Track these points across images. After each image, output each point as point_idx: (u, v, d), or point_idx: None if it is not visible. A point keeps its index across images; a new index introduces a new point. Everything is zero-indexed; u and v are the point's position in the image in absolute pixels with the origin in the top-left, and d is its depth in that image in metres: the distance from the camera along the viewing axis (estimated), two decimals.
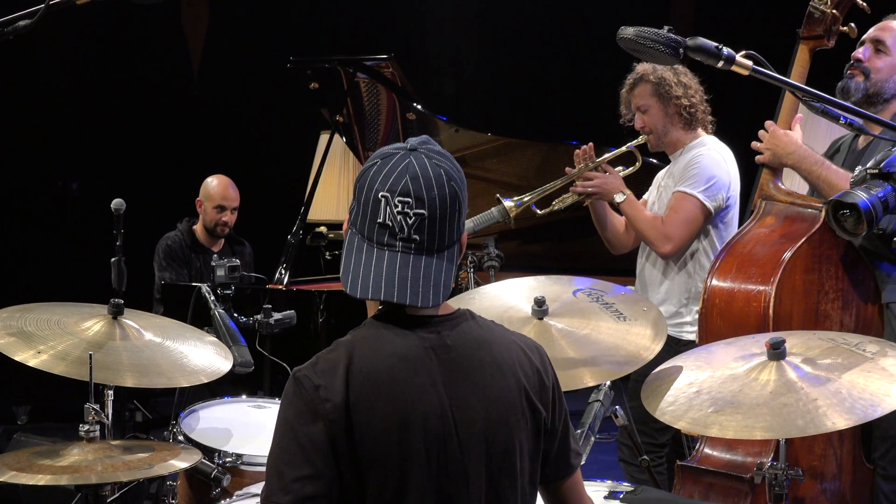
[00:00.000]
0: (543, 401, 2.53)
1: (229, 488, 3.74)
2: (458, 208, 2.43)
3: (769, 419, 3.11)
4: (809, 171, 4.27)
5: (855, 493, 4.18)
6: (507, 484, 2.46)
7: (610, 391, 3.66)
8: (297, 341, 5.85)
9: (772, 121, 4.40)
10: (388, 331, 2.43)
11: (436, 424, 2.37)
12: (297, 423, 2.34)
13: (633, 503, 3.54)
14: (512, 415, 2.46)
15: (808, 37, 4.38)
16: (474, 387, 2.43)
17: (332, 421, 2.31)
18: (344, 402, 2.32)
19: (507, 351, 2.52)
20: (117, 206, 4.24)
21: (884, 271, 4.21)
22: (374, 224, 2.39)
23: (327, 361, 2.38)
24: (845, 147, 4.50)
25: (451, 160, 2.47)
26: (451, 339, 2.45)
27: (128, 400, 6.83)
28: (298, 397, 2.35)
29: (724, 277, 4.30)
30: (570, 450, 2.63)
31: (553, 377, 2.59)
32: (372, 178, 2.40)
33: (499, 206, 5.27)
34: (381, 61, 7.15)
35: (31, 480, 3.19)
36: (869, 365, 3.23)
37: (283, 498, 2.30)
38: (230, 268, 5.77)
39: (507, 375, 2.48)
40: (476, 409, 2.42)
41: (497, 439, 2.44)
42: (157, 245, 7.36)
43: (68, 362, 3.60)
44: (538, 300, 3.81)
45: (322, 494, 2.30)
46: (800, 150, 4.30)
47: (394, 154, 2.43)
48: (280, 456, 2.34)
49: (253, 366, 4.21)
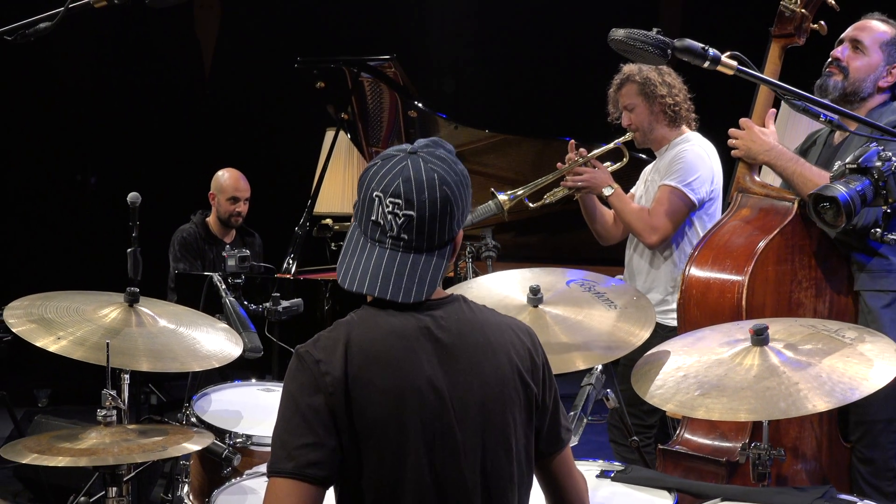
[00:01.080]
0: (535, 378, 2.54)
1: (239, 467, 3.74)
2: (451, 210, 2.44)
3: (753, 402, 3.11)
4: (784, 168, 4.26)
5: (832, 470, 4.18)
6: (502, 457, 2.46)
7: (601, 375, 3.66)
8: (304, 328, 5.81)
9: (747, 117, 4.39)
10: (385, 312, 2.45)
11: (430, 399, 2.38)
12: (299, 396, 2.36)
13: (623, 482, 3.54)
14: (506, 392, 2.47)
15: (780, 35, 4.37)
16: (468, 365, 2.44)
17: (332, 394, 2.33)
18: (343, 377, 2.34)
19: (499, 332, 2.53)
20: (133, 199, 4.22)
21: (856, 260, 4.20)
22: (369, 221, 2.44)
23: (328, 339, 2.41)
24: (821, 141, 4.49)
25: (451, 164, 2.46)
26: (445, 321, 2.46)
27: (143, 383, 6.82)
28: (301, 371, 2.38)
29: (701, 268, 4.29)
30: (560, 426, 2.63)
31: (543, 357, 2.60)
32: (370, 178, 2.44)
33: (494, 199, 5.29)
34: (384, 62, 7.14)
35: (51, 462, 3.18)
36: (848, 350, 3.24)
37: (287, 465, 2.32)
38: (240, 258, 5.76)
39: (500, 355, 2.49)
40: (471, 386, 2.43)
41: (492, 415, 2.44)
42: (173, 237, 7.37)
43: (86, 348, 3.59)
44: (533, 289, 3.82)
45: (323, 461, 2.31)
46: (774, 148, 4.29)
47: (394, 156, 2.45)
48: (284, 426, 2.36)
49: (262, 351, 4.21)
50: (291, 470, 2.31)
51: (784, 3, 4.33)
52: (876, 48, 4.28)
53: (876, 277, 4.16)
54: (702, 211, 5.04)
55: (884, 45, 4.28)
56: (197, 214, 7.45)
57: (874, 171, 3.32)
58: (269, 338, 4.97)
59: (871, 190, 3.33)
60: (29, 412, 6.78)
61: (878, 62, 4.28)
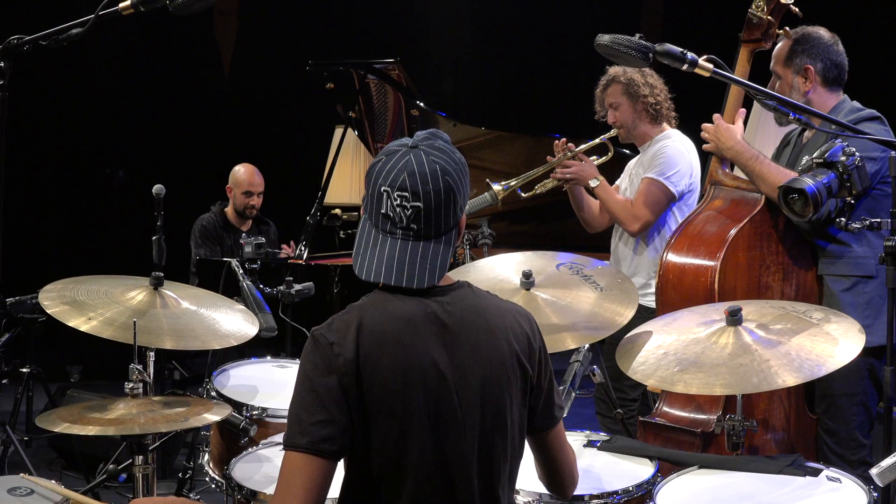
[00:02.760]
0: (531, 361, 2.53)
1: (256, 437, 3.73)
2: (454, 198, 2.43)
3: (727, 377, 3.11)
4: (745, 165, 4.26)
5: (800, 441, 4.18)
6: (498, 434, 2.45)
7: (588, 353, 3.65)
8: (315, 309, 5.84)
9: (719, 114, 4.39)
10: (395, 297, 2.44)
11: (435, 379, 2.37)
12: (314, 375, 2.34)
13: (608, 451, 3.55)
14: (504, 373, 2.46)
15: (748, 40, 4.37)
16: (471, 348, 2.43)
17: (344, 374, 2.32)
18: (354, 358, 2.33)
19: (500, 317, 2.52)
20: (158, 191, 4.21)
21: (820, 246, 4.20)
22: (379, 214, 2.41)
23: (341, 322, 2.39)
24: (794, 140, 4.49)
25: (450, 154, 2.45)
26: (450, 306, 2.45)
27: (167, 360, 6.83)
28: (315, 352, 2.36)
29: (677, 254, 4.30)
30: (554, 404, 2.63)
31: (540, 341, 2.59)
32: (377, 174, 2.41)
33: (489, 190, 5.29)
34: (389, 64, 7.13)
35: (82, 431, 3.18)
36: (815, 330, 3.24)
37: (301, 440, 2.31)
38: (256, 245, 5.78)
39: (500, 338, 2.48)
40: (472, 367, 2.42)
41: (490, 395, 2.44)
42: (194, 225, 7.41)
43: (115, 327, 3.59)
44: (526, 273, 3.81)
45: (336, 437, 2.31)
46: (738, 145, 4.28)
47: (396, 151, 2.43)
48: (299, 403, 2.35)
49: (276, 331, 4.20)
50: (306, 445, 2.30)
51: (752, 10, 4.33)
52: (782, 67, 4.28)
53: (837, 263, 4.15)
54: (681, 202, 5.04)
55: (786, 60, 4.27)
56: (217, 205, 7.51)
57: (839, 165, 3.33)
58: (283, 318, 4.97)
59: (836, 182, 3.34)
60: (62, 386, 6.78)
61: (790, 77, 4.27)
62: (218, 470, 3.88)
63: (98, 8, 3.32)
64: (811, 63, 4.25)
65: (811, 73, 4.26)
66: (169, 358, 6.84)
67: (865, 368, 4.04)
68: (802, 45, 4.27)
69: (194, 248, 7.35)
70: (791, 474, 3.23)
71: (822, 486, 3.17)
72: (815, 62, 4.26)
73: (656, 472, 3.33)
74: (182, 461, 5.48)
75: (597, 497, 3.12)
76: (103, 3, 3.34)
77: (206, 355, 4.89)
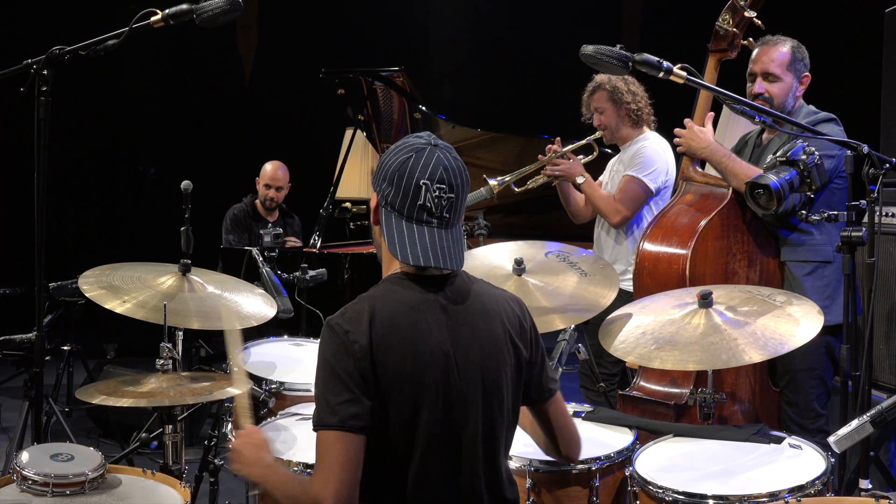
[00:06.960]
0: (523, 340, 2.54)
1: (274, 409, 3.73)
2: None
3: (699, 354, 3.12)
4: (718, 162, 4.25)
5: (764, 412, 4.18)
6: (496, 408, 2.46)
7: (574, 332, 3.65)
8: (327, 293, 5.83)
9: (689, 118, 4.39)
10: (402, 287, 2.43)
11: (440, 360, 2.37)
12: (334, 360, 2.33)
13: (592, 420, 3.55)
14: (500, 353, 2.47)
15: (716, 49, 4.36)
16: (470, 330, 2.43)
17: (360, 359, 2.31)
18: (368, 344, 2.32)
19: (494, 302, 2.52)
20: (186, 186, 4.20)
21: (783, 235, 4.20)
22: (416, 205, 2.39)
23: (354, 311, 2.38)
24: (752, 142, 4.48)
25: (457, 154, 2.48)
26: (451, 294, 2.45)
27: (194, 339, 6.83)
28: (333, 340, 2.35)
29: (652, 243, 4.29)
30: (547, 377, 2.63)
31: (530, 321, 2.59)
32: (412, 168, 2.39)
33: (486, 185, 5.29)
34: (394, 72, 7.12)
35: (117, 403, 3.18)
36: (778, 311, 3.24)
37: (332, 419, 2.30)
38: (275, 235, 5.76)
39: (495, 321, 2.49)
40: (472, 348, 2.42)
41: (489, 373, 2.44)
42: (226, 213, 7.48)
43: (147, 309, 3.60)
44: (517, 260, 3.81)
45: (361, 413, 2.30)
46: (711, 145, 4.28)
47: (423, 148, 2.41)
48: (324, 387, 2.34)
49: (293, 312, 4.21)
50: (336, 423, 2.29)
51: (719, 23, 4.33)
52: (784, 71, 4.26)
53: (799, 250, 4.15)
54: (658, 197, 5.04)
55: (789, 65, 4.25)
56: (248, 196, 7.58)
57: (800, 163, 3.33)
58: (299, 301, 4.97)
59: (797, 178, 3.34)
60: (99, 363, 6.78)
61: (791, 81, 4.26)
62: None
63: (132, 21, 3.32)
64: (807, 72, 4.27)
65: (807, 80, 4.28)
66: (196, 337, 6.83)
67: (823, 346, 4.04)
68: (802, 54, 4.28)
69: (224, 234, 7.39)
70: (757, 442, 3.24)
71: (785, 452, 3.18)
72: (808, 71, 4.27)
73: (635, 440, 3.34)
74: (207, 430, 5.47)
75: (582, 462, 3.12)
76: (137, 17, 3.34)
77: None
